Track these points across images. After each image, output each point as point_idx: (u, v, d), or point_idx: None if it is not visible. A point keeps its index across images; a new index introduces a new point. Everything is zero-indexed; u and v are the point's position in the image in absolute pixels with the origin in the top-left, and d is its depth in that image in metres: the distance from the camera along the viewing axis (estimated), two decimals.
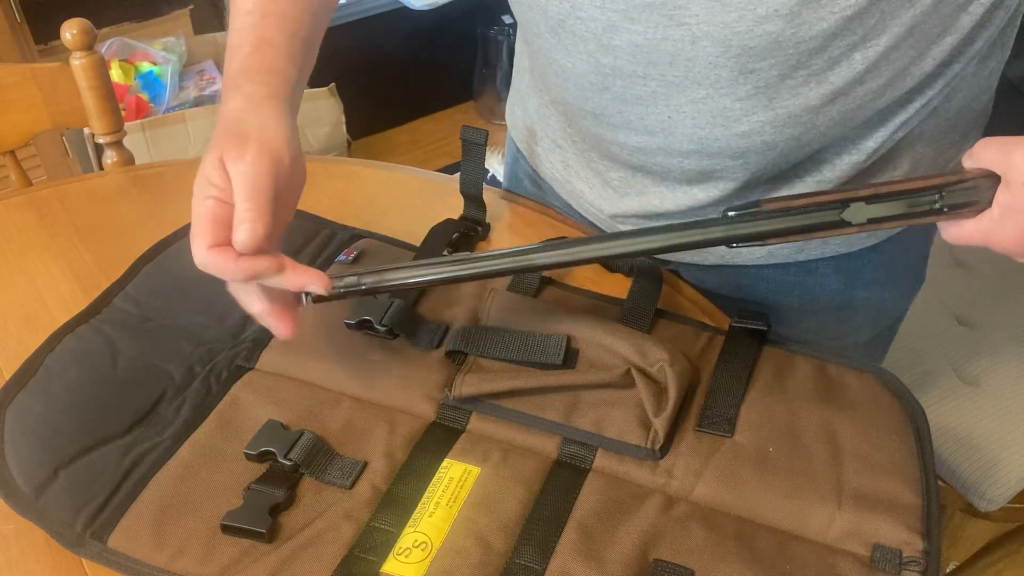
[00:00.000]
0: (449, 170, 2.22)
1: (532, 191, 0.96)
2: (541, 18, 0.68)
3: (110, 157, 1.08)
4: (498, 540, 0.59)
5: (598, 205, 0.83)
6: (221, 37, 2.09)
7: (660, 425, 0.64)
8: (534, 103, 0.85)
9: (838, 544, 0.60)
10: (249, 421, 0.65)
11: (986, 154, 0.59)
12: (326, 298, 0.61)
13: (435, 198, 0.93)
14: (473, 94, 2.56)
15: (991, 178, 0.59)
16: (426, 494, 0.61)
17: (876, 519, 0.59)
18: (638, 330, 0.71)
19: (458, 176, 0.85)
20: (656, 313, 0.75)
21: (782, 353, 0.72)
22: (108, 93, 1.04)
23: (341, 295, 0.62)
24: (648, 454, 0.63)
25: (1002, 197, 0.58)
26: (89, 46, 1.01)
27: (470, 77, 2.52)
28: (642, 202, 0.78)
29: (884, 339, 0.93)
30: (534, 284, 0.77)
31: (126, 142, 1.09)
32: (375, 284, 0.62)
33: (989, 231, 0.60)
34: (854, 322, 0.86)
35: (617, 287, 0.80)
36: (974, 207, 0.60)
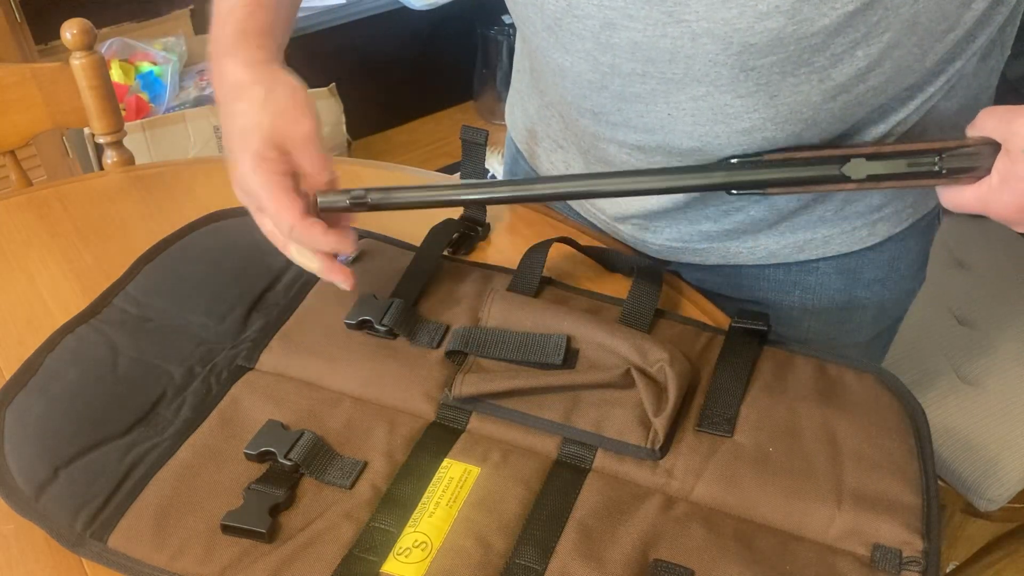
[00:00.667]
0: (449, 170, 2.22)
1: None
2: (538, 16, 0.67)
3: (110, 157, 1.08)
4: (498, 540, 0.59)
5: (599, 205, 0.83)
6: None
7: (660, 425, 0.64)
8: (535, 103, 0.85)
9: (838, 544, 0.60)
10: (249, 421, 0.65)
11: (988, 122, 0.60)
12: (334, 208, 0.65)
13: None
14: (473, 94, 2.56)
15: (992, 146, 0.60)
16: (426, 494, 0.61)
17: (876, 519, 0.59)
18: (638, 330, 0.71)
19: (458, 176, 0.85)
20: (656, 313, 0.75)
21: (782, 353, 0.72)
22: (108, 93, 1.04)
23: (347, 207, 0.66)
24: (648, 454, 0.63)
25: (1002, 164, 0.59)
26: (89, 46, 1.01)
27: (470, 77, 2.52)
28: (643, 201, 0.78)
29: (885, 338, 0.93)
30: (534, 284, 0.77)
31: (126, 142, 1.09)
32: (381, 200, 0.66)
33: (988, 198, 0.60)
34: (855, 322, 0.86)
35: (617, 287, 0.80)
36: (973, 173, 0.61)
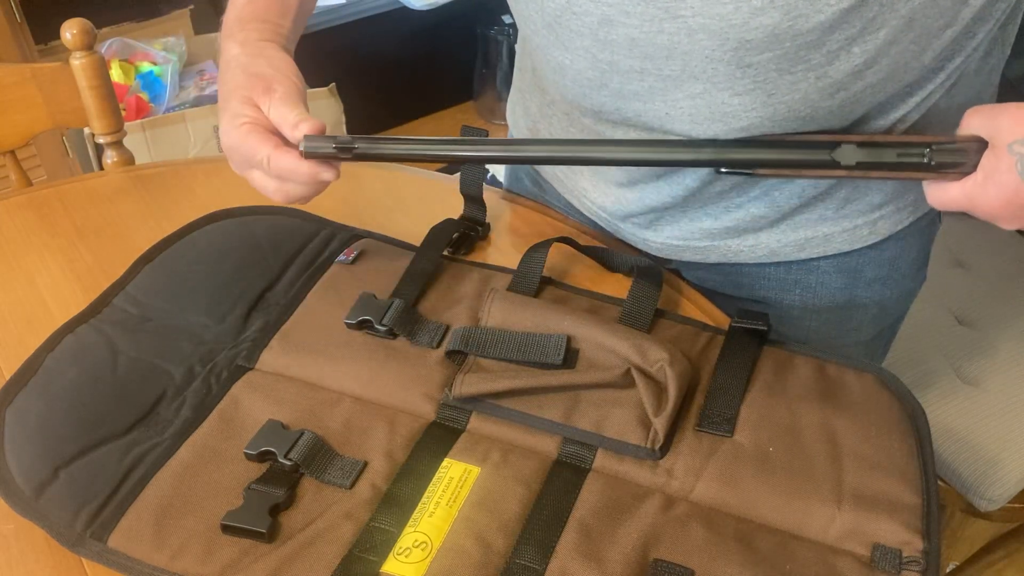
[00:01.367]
0: (449, 170, 2.22)
1: (532, 191, 0.96)
2: (538, 15, 0.68)
3: (110, 157, 1.08)
4: (498, 540, 0.59)
5: (600, 203, 0.83)
6: None
7: (660, 425, 0.64)
8: (536, 102, 0.85)
9: (838, 544, 0.60)
10: (249, 421, 0.65)
11: (975, 120, 0.62)
12: (318, 154, 0.65)
13: (435, 198, 0.93)
14: (473, 94, 2.56)
15: (980, 143, 0.61)
16: (426, 494, 0.61)
17: (876, 519, 0.59)
18: (638, 330, 0.71)
19: (458, 176, 0.85)
20: (656, 313, 0.75)
21: (782, 353, 0.72)
22: (108, 93, 1.04)
23: (332, 153, 0.65)
24: (648, 454, 0.63)
25: (987, 160, 0.60)
26: (89, 46, 1.01)
27: (470, 77, 2.52)
28: (643, 198, 0.78)
29: (885, 338, 0.93)
30: (534, 284, 0.77)
31: (126, 142, 1.09)
32: (367, 150, 0.66)
33: (973, 194, 0.61)
34: (856, 321, 0.86)
35: (617, 287, 0.80)
36: (960, 168, 0.62)
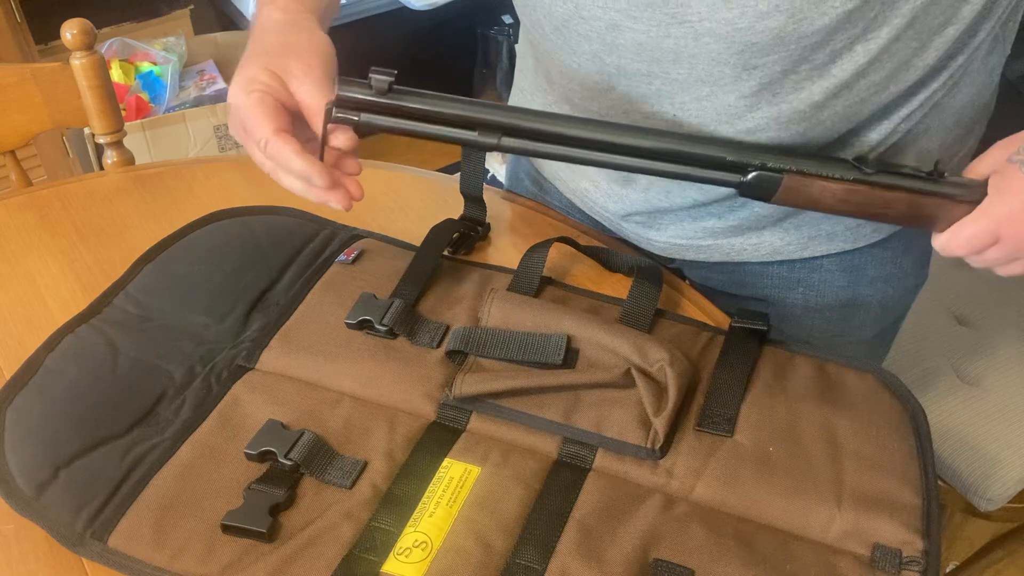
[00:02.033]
0: (449, 170, 2.22)
1: (532, 191, 0.96)
2: (546, 19, 0.68)
3: (110, 157, 1.08)
4: (498, 540, 0.59)
5: (603, 204, 0.83)
6: (221, 37, 2.08)
7: (660, 425, 0.64)
8: (538, 103, 0.85)
9: (838, 544, 0.60)
10: (249, 421, 0.65)
11: (987, 161, 0.64)
12: (341, 120, 0.62)
13: (435, 198, 0.93)
14: (473, 94, 2.56)
15: (982, 180, 0.63)
16: (426, 494, 0.61)
17: (876, 519, 0.59)
18: (638, 330, 0.71)
19: (458, 176, 0.85)
20: (656, 313, 0.75)
21: (782, 353, 0.72)
22: (108, 93, 1.04)
23: (353, 119, 0.62)
24: (648, 454, 0.63)
25: (994, 180, 0.62)
26: (89, 46, 1.01)
27: (470, 77, 2.51)
28: (648, 198, 0.78)
29: (887, 336, 0.93)
30: (534, 284, 0.77)
31: (126, 142, 1.09)
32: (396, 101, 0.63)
33: (992, 212, 0.62)
34: (858, 319, 0.86)
35: (617, 287, 0.80)
36: (969, 194, 0.63)
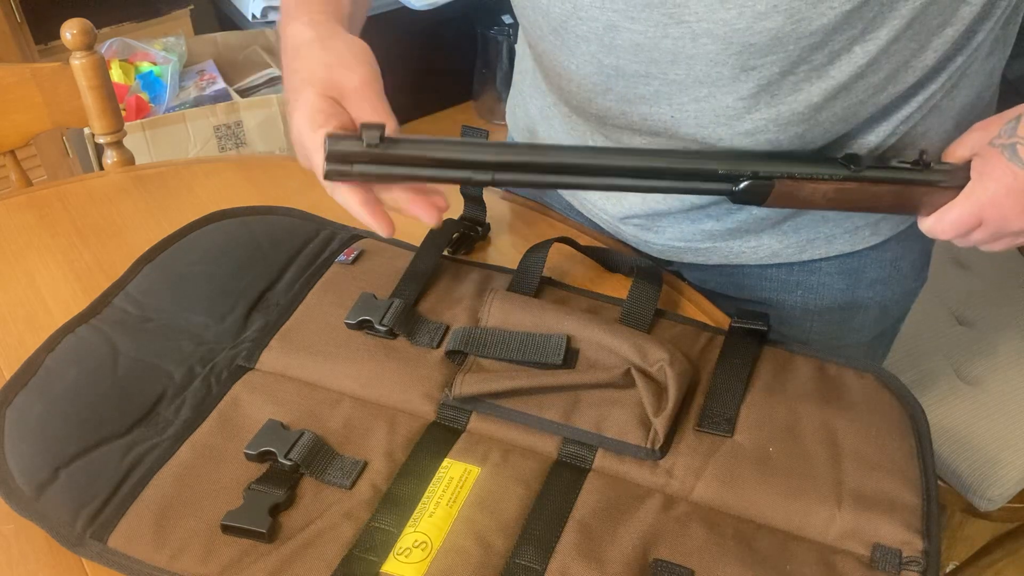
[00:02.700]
0: None
1: (532, 191, 0.96)
2: (544, 20, 0.68)
3: (110, 157, 1.08)
4: (498, 540, 0.59)
5: (601, 206, 0.83)
6: (221, 37, 2.09)
7: (660, 425, 0.64)
8: (536, 104, 0.85)
9: (838, 544, 0.60)
10: (249, 421, 0.65)
11: (967, 142, 0.66)
12: (335, 174, 0.60)
13: None
14: (473, 94, 2.56)
15: (964, 163, 0.65)
16: (426, 494, 0.61)
17: (876, 519, 0.59)
18: (638, 330, 0.71)
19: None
20: (656, 313, 0.75)
21: (782, 353, 0.72)
22: (108, 93, 1.04)
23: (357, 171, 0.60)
24: (648, 454, 0.63)
25: (976, 163, 0.63)
26: (89, 46, 1.01)
27: (470, 77, 2.51)
28: (646, 201, 0.78)
29: (886, 338, 0.93)
30: (534, 284, 0.77)
31: (126, 142, 1.09)
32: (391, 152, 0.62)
33: (975, 196, 0.63)
34: (857, 322, 0.86)
35: (617, 287, 0.80)
36: (954, 179, 0.64)
